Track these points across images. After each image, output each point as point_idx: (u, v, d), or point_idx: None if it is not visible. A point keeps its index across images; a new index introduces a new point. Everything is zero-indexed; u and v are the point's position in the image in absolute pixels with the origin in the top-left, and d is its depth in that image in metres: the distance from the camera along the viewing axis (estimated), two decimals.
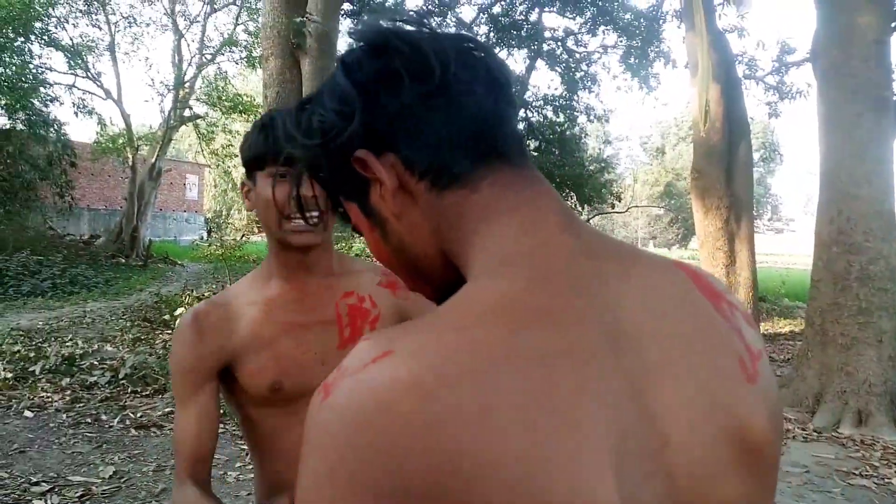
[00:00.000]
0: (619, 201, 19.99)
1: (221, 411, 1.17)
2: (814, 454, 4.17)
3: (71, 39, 17.47)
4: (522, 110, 16.46)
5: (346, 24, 14.28)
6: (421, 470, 0.37)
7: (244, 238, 10.98)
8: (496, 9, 15.72)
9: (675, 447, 0.43)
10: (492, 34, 15.58)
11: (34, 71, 16.36)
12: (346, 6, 13.10)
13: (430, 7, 15.08)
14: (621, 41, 15.18)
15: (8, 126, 16.30)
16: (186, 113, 18.62)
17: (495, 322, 0.42)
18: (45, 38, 16.43)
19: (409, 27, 0.54)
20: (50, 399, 4.62)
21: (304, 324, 1.13)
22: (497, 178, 0.52)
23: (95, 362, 5.58)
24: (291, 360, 1.11)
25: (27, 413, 4.33)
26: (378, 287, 1.22)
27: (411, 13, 0.56)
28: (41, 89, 16.52)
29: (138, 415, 4.36)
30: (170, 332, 7.00)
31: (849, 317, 4.88)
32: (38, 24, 15.75)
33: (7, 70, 15.22)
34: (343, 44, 14.75)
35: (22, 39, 15.66)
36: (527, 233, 0.50)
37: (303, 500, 0.41)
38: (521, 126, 15.18)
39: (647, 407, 0.43)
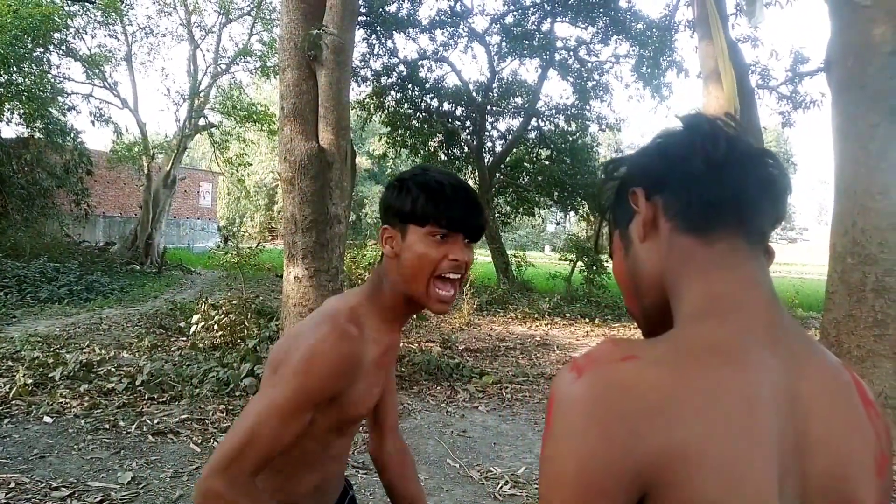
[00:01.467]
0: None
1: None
2: None
3: (89, 50, 17.73)
4: (534, 119, 16.49)
5: (359, 35, 14.42)
6: (653, 452, 0.52)
7: (259, 246, 11.08)
8: (508, 19, 15.78)
9: (809, 502, 0.58)
10: (504, 44, 15.64)
11: (52, 80, 16.62)
12: (360, 18, 13.21)
13: (442, 18, 15.16)
14: (633, 50, 15.18)
15: (26, 134, 16.57)
16: (201, 122, 18.82)
17: (717, 355, 0.57)
18: (64, 48, 16.70)
19: (730, 125, 0.71)
20: (69, 405, 4.68)
21: (381, 362, 1.24)
22: (730, 244, 0.66)
23: (112, 369, 5.64)
24: (373, 394, 1.24)
25: (47, 419, 4.39)
26: None
27: (729, 117, 0.73)
28: (59, 98, 16.78)
29: (155, 421, 4.41)
30: (185, 339, 7.06)
31: (864, 329, 4.84)
32: (56, 35, 16.00)
33: (26, 80, 15.47)
34: (356, 54, 14.89)
35: (41, 50, 15.92)
36: (742, 294, 0.63)
37: (554, 451, 0.55)
38: (532, 135, 15.07)
39: (802, 463, 0.57)
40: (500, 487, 3.65)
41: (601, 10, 14.53)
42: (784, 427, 0.55)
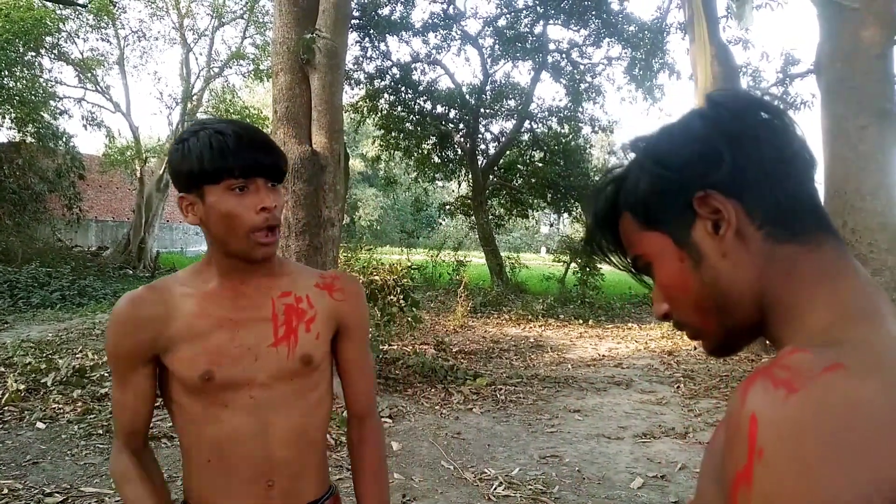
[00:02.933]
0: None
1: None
2: None
3: (81, 53, 17.70)
4: (527, 122, 16.54)
5: (352, 38, 14.43)
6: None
7: None
8: (501, 21, 15.84)
9: None
10: (497, 46, 15.70)
11: (44, 84, 16.58)
12: (353, 21, 13.23)
13: (435, 21, 15.19)
14: (625, 53, 15.26)
15: (18, 139, 16.48)
16: None
17: None
18: (56, 52, 16.66)
19: (764, 104, 0.63)
20: (62, 410, 4.67)
21: (237, 320, 1.16)
22: (834, 245, 0.60)
23: (105, 374, 5.62)
24: (223, 352, 1.14)
25: (39, 424, 4.38)
26: (315, 288, 1.24)
27: (766, 92, 0.64)
28: (51, 102, 16.73)
29: None
30: None
31: None
32: (48, 39, 15.96)
33: (18, 84, 15.42)
34: (349, 57, 14.91)
35: (33, 53, 15.88)
36: (875, 295, 0.57)
37: (783, 489, 0.45)
38: (525, 137, 15.12)
39: None
40: (495, 489, 3.66)
41: (593, 12, 14.60)
42: None
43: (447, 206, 18.34)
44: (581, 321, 11.11)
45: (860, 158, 4.97)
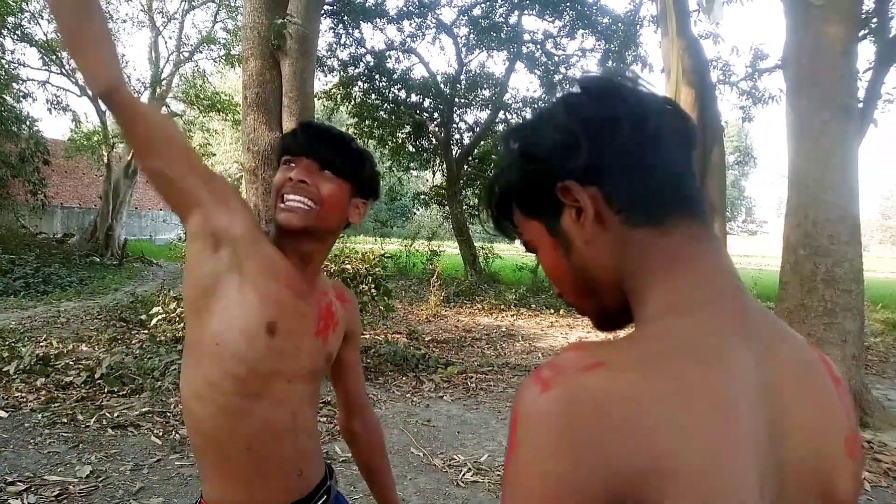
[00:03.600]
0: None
1: None
2: None
3: (45, 35, 17.16)
4: (502, 112, 16.56)
5: (326, 24, 14.27)
6: (626, 471, 0.47)
7: None
8: (476, 11, 15.79)
9: (786, 493, 0.54)
10: (472, 36, 15.66)
11: (6, 67, 16.08)
12: (326, 7, 13.07)
13: (410, 8, 15.09)
14: (599, 45, 15.35)
15: None
16: (163, 111, 18.40)
17: (687, 355, 0.52)
18: (18, 33, 16.15)
19: (627, 81, 0.63)
20: (25, 399, 4.58)
21: (300, 292, 1.20)
22: (686, 228, 0.59)
23: (71, 362, 5.53)
24: (288, 313, 1.16)
25: (1, 413, 4.29)
26: (335, 298, 1.34)
27: (628, 70, 0.64)
28: (13, 85, 16.25)
29: (115, 414, 4.34)
30: (146, 331, 6.95)
31: (815, 317, 5.02)
32: (10, 19, 15.47)
33: None
34: (323, 44, 14.75)
35: None
36: (708, 285, 0.58)
37: (520, 471, 0.50)
38: (500, 127, 15.21)
39: (779, 455, 0.54)
40: (463, 475, 3.70)
41: (568, 3, 14.64)
42: (760, 421, 0.52)
43: (421, 196, 18.31)
44: (552, 311, 11.22)
45: (822, 152, 5.08)
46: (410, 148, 16.92)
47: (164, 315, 6.72)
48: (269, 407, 1.15)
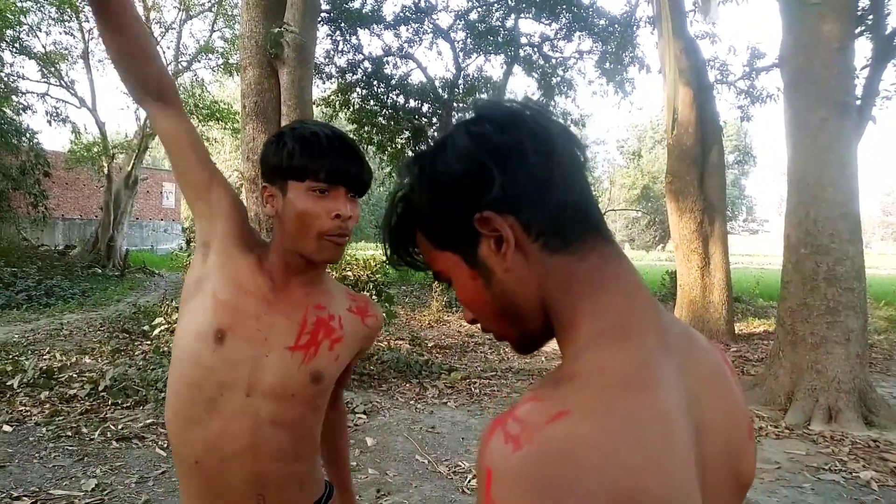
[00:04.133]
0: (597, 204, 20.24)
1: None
2: (786, 451, 4.29)
3: (44, 47, 17.24)
4: None
5: (323, 31, 14.30)
6: None
7: None
8: (473, 15, 15.83)
9: (708, 483, 0.58)
10: (469, 40, 15.69)
11: (6, 79, 16.13)
12: (323, 14, 13.10)
13: (406, 14, 15.13)
14: (596, 46, 15.36)
15: None
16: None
17: (630, 388, 0.53)
18: (17, 45, 16.21)
19: (528, 111, 0.63)
20: (29, 413, 4.58)
21: (272, 302, 1.16)
22: (600, 250, 0.61)
23: (74, 375, 5.53)
24: (245, 320, 1.13)
25: (6, 427, 4.29)
26: (348, 312, 1.25)
27: (529, 99, 0.66)
28: (13, 98, 16.30)
29: (119, 427, 4.34)
30: (149, 342, 6.95)
31: (817, 316, 5.02)
32: (9, 32, 15.53)
33: None
34: (320, 51, 14.77)
35: None
36: (630, 306, 0.59)
37: None
38: None
39: (702, 452, 0.57)
40: (469, 481, 3.69)
41: (564, 6, 14.66)
42: (690, 428, 0.55)
43: None
44: None
45: (821, 150, 5.09)
46: (410, 153, 16.90)
47: (166, 325, 6.72)
48: (224, 420, 1.12)
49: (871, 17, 7.41)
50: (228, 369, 1.12)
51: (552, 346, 0.66)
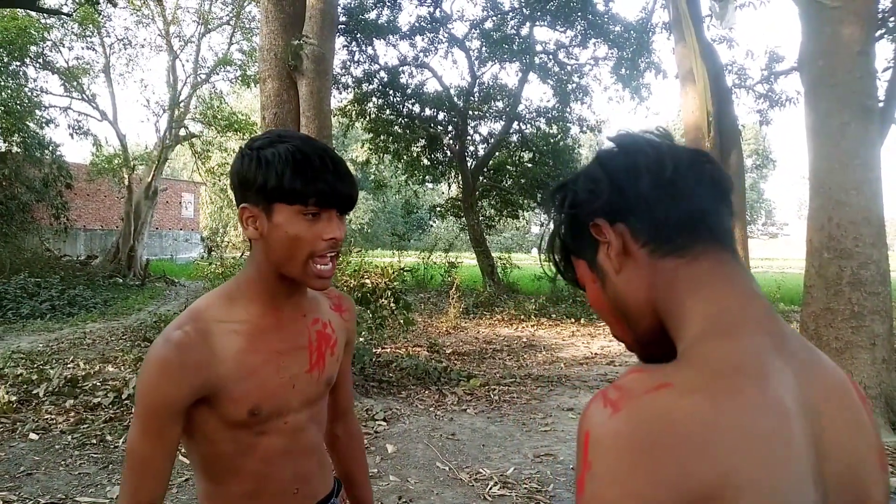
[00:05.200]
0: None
1: None
2: None
3: (66, 62, 17.61)
4: (516, 122, 16.60)
5: (339, 42, 14.44)
6: (700, 486, 0.50)
7: (243, 256, 11.03)
8: (488, 24, 15.89)
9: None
10: (484, 49, 15.74)
11: (29, 94, 16.48)
12: (340, 25, 13.23)
13: (422, 24, 15.22)
14: (612, 53, 15.34)
15: (4, 149, 16.38)
16: (182, 132, 18.72)
17: (742, 374, 0.56)
18: (41, 61, 16.57)
19: (656, 138, 0.72)
20: (54, 421, 4.65)
21: (282, 350, 1.14)
22: (713, 255, 0.66)
23: (98, 383, 5.61)
24: (271, 385, 1.12)
25: (32, 436, 4.36)
26: (331, 311, 1.27)
27: (658, 129, 0.74)
28: (36, 112, 16.63)
29: None
30: None
31: (842, 321, 4.94)
32: (33, 48, 15.87)
33: (2, 93, 15.32)
34: (337, 62, 14.91)
35: (17, 63, 15.78)
36: (742, 307, 0.62)
37: (598, 492, 0.52)
38: (514, 138, 15.17)
39: (822, 471, 0.57)
40: (490, 488, 3.68)
41: (579, 13, 14.67)
42: (808, 435, 0.56)
43: (438, 208, 18.36)
44: (573, 320, 11.15)
45: (843, 154, 5.02)
46: (425, 161, 17.00)
47: None
48: (269, 442, 1.15)
49: (892, 19, 7.33)
50: (263, 424, 1.14)
51: (573, 352, 0.68)
